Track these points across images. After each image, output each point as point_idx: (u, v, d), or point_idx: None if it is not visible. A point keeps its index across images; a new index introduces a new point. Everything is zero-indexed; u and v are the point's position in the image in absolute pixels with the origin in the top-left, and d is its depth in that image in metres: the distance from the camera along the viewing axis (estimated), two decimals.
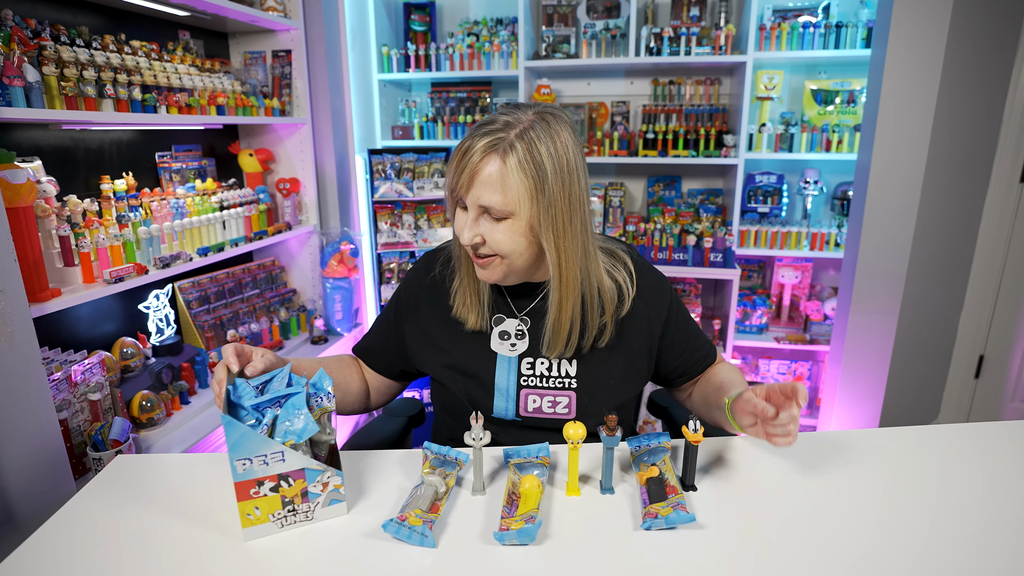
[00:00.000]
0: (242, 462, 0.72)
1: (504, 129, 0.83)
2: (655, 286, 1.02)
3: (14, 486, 1.07)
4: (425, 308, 1.05)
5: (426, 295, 1.05)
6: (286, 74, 2.15)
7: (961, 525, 0.73)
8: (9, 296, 1.06)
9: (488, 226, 0.87)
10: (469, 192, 0.85)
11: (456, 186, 0.87)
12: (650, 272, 1.04)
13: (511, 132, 0.83)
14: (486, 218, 0.87)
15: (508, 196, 0.83)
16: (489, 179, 0.83)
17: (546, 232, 0.85)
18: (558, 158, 0.83)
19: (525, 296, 1.00)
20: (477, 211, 0.86)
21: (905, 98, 1.92)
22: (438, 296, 1.03)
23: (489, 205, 0.84)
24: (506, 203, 0.83)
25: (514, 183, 0.82)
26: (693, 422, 0.79)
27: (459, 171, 0.85)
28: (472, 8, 2.84)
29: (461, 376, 1.00)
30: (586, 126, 2.78)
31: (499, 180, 0.83)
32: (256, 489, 0.73)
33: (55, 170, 1.49)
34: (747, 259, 2.84)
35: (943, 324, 2.31)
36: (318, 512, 0.78)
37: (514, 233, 0.86)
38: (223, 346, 0.94)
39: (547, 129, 0.84)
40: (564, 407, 0.97)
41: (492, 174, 0.83)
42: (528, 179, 0.82)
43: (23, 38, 1.26)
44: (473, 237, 0.87)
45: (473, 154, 0.83)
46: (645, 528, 0.73)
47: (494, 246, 0.87)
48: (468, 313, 0.98)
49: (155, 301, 1.71)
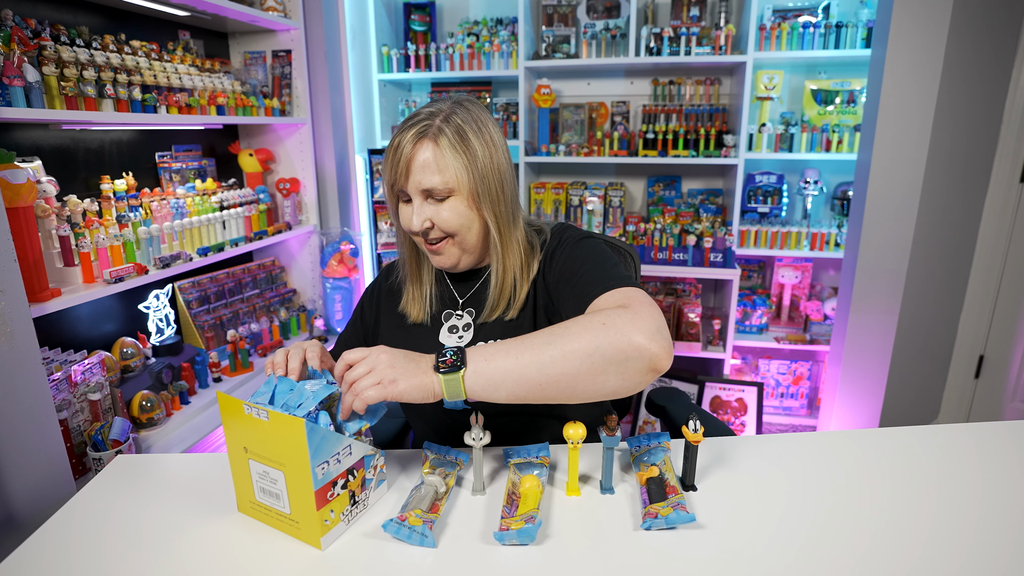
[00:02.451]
0: (322, 466, 0.70)
1: (429, 118, 0.91)
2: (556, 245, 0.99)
3: (14, 486, 1.07)
4: (384, 314, 1.10)
5: (384, 301, 1.10)
6: (286, 74, 2.15)
7: (961, 525, 0.73)
8: (9, 296, 1.06)
9: (433, 209, 0.92)
10: (409, 180, 0.91)
11: (395, 179, 0.92)
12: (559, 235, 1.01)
13: (435, 119, 0.90)
14: (430, 202, 0.92)
15: (446, 175, 0.90)
16: (426, 163, 0.89)
17: (484, 201, 0.92)
18: (481, 135, 0.91)
19: (467, 281, 1.04)
20: (421, 196, 0.92)
21: (905, 98, 1.92)
22: (396, 301, 1.08)
23: (431, 186, 0.90)
24: (446, 181, 0.90)
25: (449, 161, 0.89)
26: (693, 422, 0.79)
27: (395, 164, 0.91)
28: (472, 8, 2.84)
29: None
30: (586, 126, 2.78)
31: (435, 162, 0.89)
32: (332, 491, 0.72)
33: (55, 170, 1.49)
34: (747, 259, 2.84)
35: (943, 324, 2.31)
36: (371, 497, 0.79)
37: (459, 209, 0.92)
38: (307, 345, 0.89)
39: (467, 113, 0.92)
40: None
41: (428, 158, 0.89)
42: (460, 155, 0.90)
43: (23, 38, 1.26)
44: (423, 222, 0.92)
45: (405, 146, 0.90)
46: (645, 528, 0.73)
47: (443, 225, 0.92)
48: (412, 306, 1.03)
49: (155, 301, 1.71)
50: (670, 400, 1.29)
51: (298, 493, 0.71)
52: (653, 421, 2.57)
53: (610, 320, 0.74)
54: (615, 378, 0.74)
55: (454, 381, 0.75)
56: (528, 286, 0.98)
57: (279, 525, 0.75)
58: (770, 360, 2.73)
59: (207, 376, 1.76)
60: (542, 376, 0.74)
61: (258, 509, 0.77)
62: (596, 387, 0.74)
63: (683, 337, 2.60)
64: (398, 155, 0.90)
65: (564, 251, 0.96)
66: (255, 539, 0.75)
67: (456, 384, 0.75)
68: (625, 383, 0.74)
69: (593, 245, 0.96)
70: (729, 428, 1.13)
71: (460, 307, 1.03)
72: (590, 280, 0.88)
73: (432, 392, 0.76)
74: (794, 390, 2.73)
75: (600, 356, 0.72)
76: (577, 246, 0.96)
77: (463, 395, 0.75)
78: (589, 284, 0.87)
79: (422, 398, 0.76)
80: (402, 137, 0.90)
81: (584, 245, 0.96)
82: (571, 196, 2.71)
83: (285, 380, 0.80)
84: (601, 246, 0.96)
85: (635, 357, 0.72)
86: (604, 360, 0.73)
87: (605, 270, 0.89)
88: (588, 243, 0.96)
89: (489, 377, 0.75)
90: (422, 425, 1.06)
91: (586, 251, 0.94)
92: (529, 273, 0.99)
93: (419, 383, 0.75)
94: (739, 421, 2.51)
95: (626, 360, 0.72)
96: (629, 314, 0.75)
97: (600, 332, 0.73)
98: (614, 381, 0.74)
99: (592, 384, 0.74)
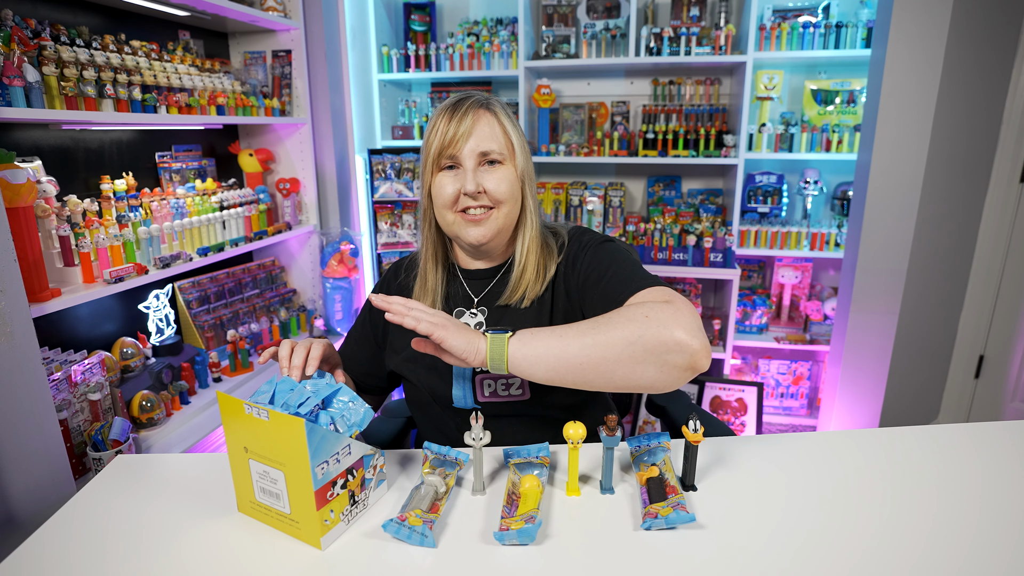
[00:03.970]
0: (321, 466, 0.70)
1: (478, 96, 0.96)
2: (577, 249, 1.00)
3: (14, 486, 1.07)
4: None
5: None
6: (286, 74, 2.15)
7: (961, 525, 0.73)
8: (9, 296, 1.06)
9: (486, 175, 0.94)
10: (468, 142, 0.93)
11: (452, 140, 0.93)
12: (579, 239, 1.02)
13: (486, 99, 0.96)
14: (484, 168, 0.94)
15: (505, 141, 0.95)
16: (488, 127, 0.94)
17: (527, 179, 0.98)
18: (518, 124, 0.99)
19: (481, 280, 1.04)
20: (477, 160, 0.94)
21: (905, 98, 1.92)
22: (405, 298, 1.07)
23: (489, 149, 0.93)
24: (503, 146, 0.95)
25: (509, 129, 0.96)
26: (693, 422, 0.79)
27: (455, 126, 0.92)
28: (472, 8, 2.84)
29: (422, 369, 1.02)
30: (586, 126, 2.78)
31: (496, 127, 0.95)
32: (331, 491, 0.72)
33: (55, 170, 1.49)
34: (747, 259, 2.84)
35: (943, 324, 2.31)
36: (371, 497, 0.79)
37: (510, 178, 0.95)
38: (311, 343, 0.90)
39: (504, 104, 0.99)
40: (517, 387, 0.98)
41: (490, 123, 0.94)
42: (514, 129, 0.97)
43: (23, 38, 1.26)
44: (477, 185, 0.93)
45: (467, 111, 0.93)
46: (645, 528, 0.73)
47: (495, 192, 0.94)
48: (424, 298, 1.04)
49: (155, 301, 1.71)
50: (670, 400, 1.29)
51: (298, 493, 0.71)
52: (653, 421, 2.57)
53: (653, 313, 0.76)
54: (654, 369, 0.75)
55: (499, 343, 0.78)
56: (543, 286, 0.98)
57: (279, 525, 0.75)
58: (770, 360, 2.73)
59: (207, 376, 1.76)
60: (583, 357, 0.76)
61: (258, 509, 0.77)
62: (635, 376, 0.76)
63: None
64: (457, 117, 0.92)
65: (587, 254, 0.97)
66: (255, 539, 0.75)
67: (501, 347, 0.78)
68: (663, 376, 0.76)
69: (616, 248, 0.98)
70: (729, 428, 1.13)
71: (474, 306, 1.03)
72: (620, 280, 0.89)
73: (476, 350, 0.79)
74: (794, 390, 2.73)
75: (642, 346, 0.74)
76: (600, 249, 0.97)
77: (506, 361, 0.78)
78: (620, 284, 0.88)
79: (465, 353, 0.78)
80: (458, 105, 0.94)
81: (607, 248, 0.97)
82: (571, 196, 2.71)
83: (286, 380, 0.80)
84: (623, 248, 0.98)
85: (676, 351, 0.74)
86: (645, 350, 0.74)
87: (634, 271, 0.91)
88: (611, 246, 0.98)
89: (532, 349, 0.78)
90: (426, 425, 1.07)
91: (611, 253, 0.96)
92: (545, 273, 0.99)
93: (467, 338, 0.79)
94: (739, 421, 2.51)
95: (667, 352, 0.74)
96: (672, 309, 0.77)
97: (643, 323, 0.75)
98: (653, 372, 0.76)
99: (631, 372, 0.76)
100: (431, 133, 0.95)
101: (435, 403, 1.02)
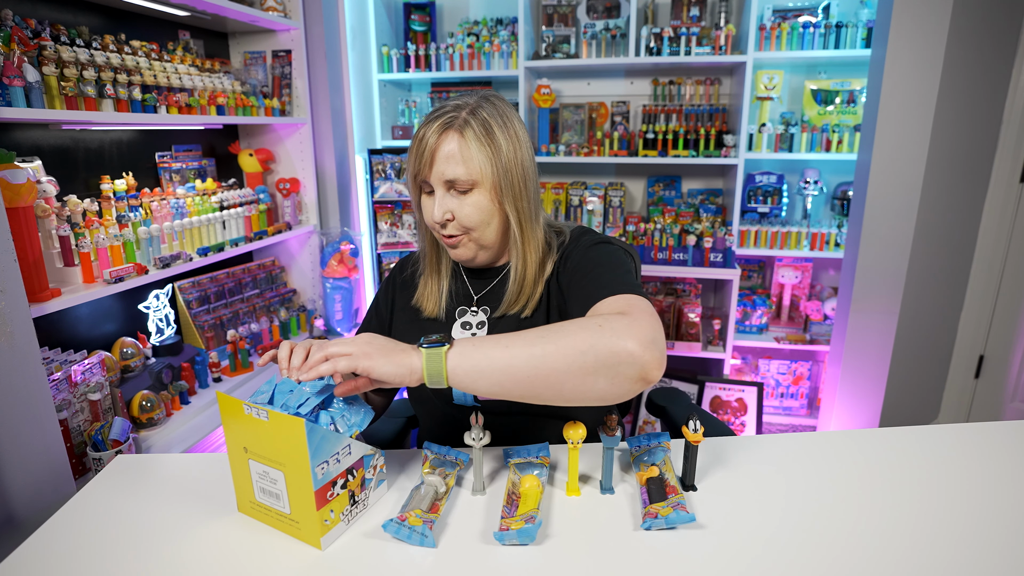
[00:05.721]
0: (321, 466, 0.70)
1: (455, 111, 0.91)
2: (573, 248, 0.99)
3: (14, 486, 1.07)
4: (398, 308, 1.10)
5: (399, 295, 1.10)
6: (286, 74, 2.15)
7: (961, 525, 0.73)
8: (9, 296, 1.06)
9: (455, 202, 0.92)
10: (432, 170, 0.91)
11: (418, 170, 0.92)
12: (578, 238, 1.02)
13: (462, 112, 0.91)
14: (452, 194, 0.92)
15: (470, 166, 0.90)
16: (451, 154, 0.89)
17: (507, 196, 0.92)
18: (506, 130, 0.92)
19: (483, 279, 1.04)
20: (443, 187, 0.92)
21: (905, 98, 1.92)
22: (409, 294, 1.08)
23: (454, 177, 0.90)
24: (469, 173, 0.90)
25: (474, 153, 0.89)
26: (693, 422, 0.79)
27: (419, 155, 0.91)
28: (472, 8, 2.84)
29: None
30: (586, 126, 2.78)
31: (459, 153, 0.89)
32: (331, 491, 0.72)
33: (55, 170, 1.49)
34: (747, 259, 2.84)
35: (943, 324, 2.31)
36: (371, 497, 0.79)
37: (481, 203, 0.92)
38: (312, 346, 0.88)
39: (493, 107, 0.92)
40: None
41: (452, 149, 0.89)
42: (485, 148, 0.90)
43: (23, 38, 1.26)
44: (444, 214, 0.92)
45: (430, 136, 0.90)
46: (645, 528, 0.73)
47: (464, 220, 0.92)
48: (427, 301, 1.04)
49: (155, 301, 1.71)
50: (670, 400, 1.29)
51: (298, 493, 0.71)
52: (653, 421, 2.57)
53: (607, 323, 0.73)
54: (605, 381, 0.72)
55: (436, 357, 0.73)
56: (543, 286, 0.99)
57: (279, 525, 0.75)
58: (770, 360, 2.73)
59: (207, 376, 1.76)
60: (531, 369, 0.72)
61: (258, 509, 0.77)
62: (585, 388, 0.72)
63: (683, 337, 2.60)
64: (423, 145, 0.90)
65: (579, 253, 0.96)
66: (255, 539, 0.75)
67: (438, 361, 0.73)
68: (615, 388, 0.72)
69: (608, 250, 0.95)
70: (729, 428, 1.13)
71: (475, 304, 1.03)
72: (598, 283, 0.87)
73: (410, 369, 0.74)
74: (794, 390, 2.73)
75: (592, 356, 0.71)
76: (592, 249, 0.96)
77: (444, 376, 0.73)
78: (596, 287, 0.86)
79: (398, 376, 0.73)
80: (428, 128, 0.91)
81: (599, 249, 0.95)
82: (571, 196, 2.71)
83: (285, 380, 0.80)
84: (616, 252, 0.95)
85: (627, 363, 0.71)
86: (596, 361, 0.71)
87: (615, 275, 0.87)
88: (603, 248, 0.96)
89: (475, 363, 0.73)
90: (428, 422, 1.07)
91: (600, 255, 0.94)
92: (544, 273, 0.99)
93: (396, 360, 0.74)
94: (739, 421, 2.51)
95: (618, 364, 0.71)
96: (627, 320, 0.74)
97: (596, 333, 0.72)
98: (603, 384, 0.72)
99: (581, 384, 0.72)
100: (409, 152, 0.94)
101: (435, 399, 1.02)
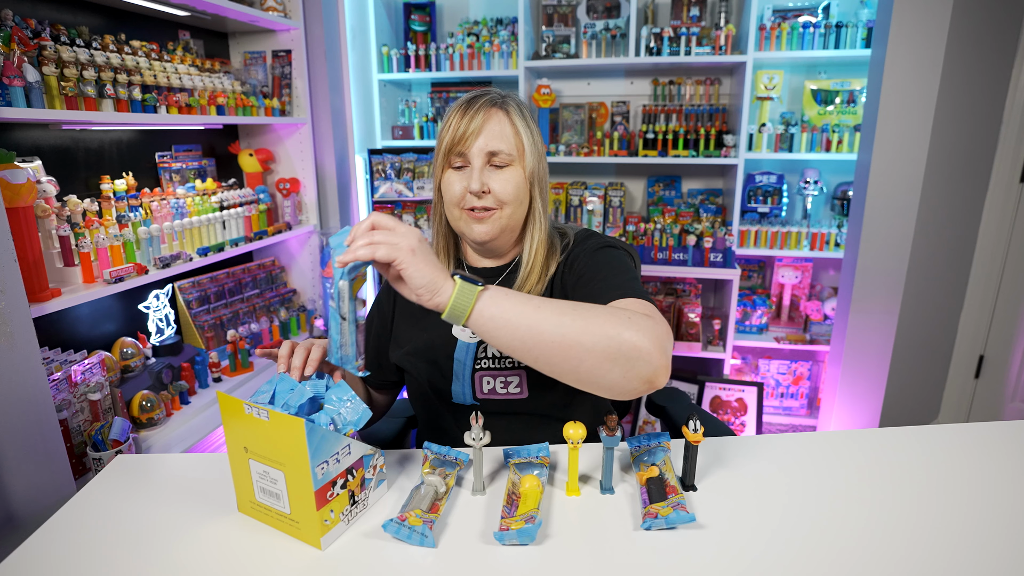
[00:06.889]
0: (321, 466, 0.70)
1: (497, 95, 0.96)
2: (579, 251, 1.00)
3: (14, 486, 1.07)
4: (400, 306, 1.10)
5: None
6: (286, 74, 2.15)
7: (961, 525, 0.73)
8: (9, 296, 1.06)
9: (493, 175, 0.94)
10: (477, 141, 0.92)
11: (461, 137, 0.93)
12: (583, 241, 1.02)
13: (504, 97, 0.96)
14: (491, 168, 0.94)
15: (515, 142, 0.94)
16: (498, 127, 0.93)
17: (535, 180, 0.97)
18: (535, 123, 0.99)
19: (487, 278, 1.04)
20: (484, 159, 0.93)
21: (905, 98, 1.92)
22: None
23: (498, 150, 0.93)
24: (512, 148, 0.94)
25: (521, 130, 0.95)
26: (693, 422, 0.79)
27: (466, 123, 0.92)
28: (472, 8, 2.84)
29: (423, 363, 1.02)
30: (586, 126, 2.78)
31: (506, 129, 0.94)
32: (331, 491, 0.72)
33: (55, 170, 1.49)
34: (747, 259, 2.84)
35: (943, 324, 2.31)
36: (371, 497, 0.79)
37: (516, 180, 0.95)
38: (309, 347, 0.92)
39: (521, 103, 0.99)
40: (516, 386, 0.99)
41: (500, 123, 0.94)
42: (526, 129, 0.95)
43: (23, 38, 1.26)
44: (482, 185, 0.92)
45: (479, 108, 0.93)
46: (645, 528, 0.73)
47: (499, 193, 0.94)
48: None
49: (155, 301, 1.71)
50: (670, 400, 1.29)
51: (298, 493, 0.71)
52: (653, 421, 2.57)
53: (636, 319, 0.74)
54: (619, 372, 0.72)
55: (468, 292, 0.72)
56: (544, 285, 0.99)
57: (279, 525, 0.75)
58: (770, 360, 2.73)
59: (207, 376, 1.76)
60: (556, 336, 0.72)
61: (258, 509, 0.77)
62: (600, 373, 0.73)
63: (683, 337, 2.60)
64: (469, 114, 0.92)
65: (585, 255, 0.97)
66: (255, 539, 0.75)
67: (469, 296, 0.72)
68: (624, 383, 0.73)
69: (615, 255, 0.96)
70: (729, 428, 1.13)
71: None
72: (610, 284, 0.88)
73: (436, 291, 0.72)
74: (794, 390, 2.73)
75: (617, 344, 0.71)
76: (599, 252, 0.97)
77: (467, 314, 0.72)
78: (608, 288, 0.87)
79: (423, 288, 0.72)
80: (473, 101, 0.94)
81: (606, 253, 0.97)
82: (571, 196, 2.71)
83: (286, 380, 0.80)
84: (622, 256, 0.97)
85: (645, 361, 0.72)
86: (619, 350, 0.72)
87: (626, 280, 0.89)
88: (610, 251, 0.97)
89: (503, 311, 0.72)
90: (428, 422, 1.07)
91: (608, 259, 0.95)
92: (548, 271, 1.00)
93: (431, 274, 0.72)
94: (739, 421, 2.51)
95: (637, 359, 0.72)
96: (651, 323, 0.75)
97: (625, 324, 0.73)
98: (617, 375, 0.73)
99: (598, 368, 0.72)
100: (444, 129, 0.95)
101: (435, 398, 1.02)
